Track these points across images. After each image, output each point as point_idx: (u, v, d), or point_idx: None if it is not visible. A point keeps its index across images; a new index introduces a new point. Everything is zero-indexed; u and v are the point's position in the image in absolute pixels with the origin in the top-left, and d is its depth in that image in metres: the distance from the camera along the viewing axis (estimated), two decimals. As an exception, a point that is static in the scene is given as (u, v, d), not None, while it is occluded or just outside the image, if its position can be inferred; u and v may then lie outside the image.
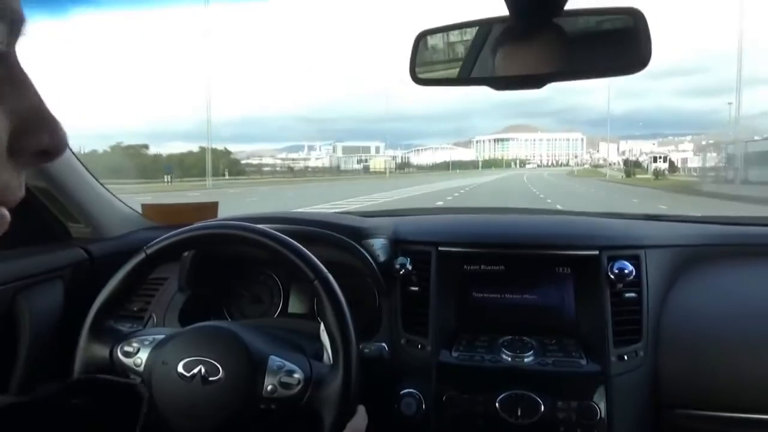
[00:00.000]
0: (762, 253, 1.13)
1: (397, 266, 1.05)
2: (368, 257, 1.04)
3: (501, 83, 0.80)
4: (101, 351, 0.78)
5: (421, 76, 0.82)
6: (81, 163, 1.13)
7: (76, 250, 1.13)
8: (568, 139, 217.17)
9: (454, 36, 0.82)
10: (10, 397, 0.29)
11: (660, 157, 50.37)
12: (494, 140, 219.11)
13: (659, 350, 0.98)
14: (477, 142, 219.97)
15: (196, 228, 0.85)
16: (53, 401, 0.31)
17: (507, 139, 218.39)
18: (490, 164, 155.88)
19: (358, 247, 1.05)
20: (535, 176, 52.93)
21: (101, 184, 1.21)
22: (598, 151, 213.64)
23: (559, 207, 10.53)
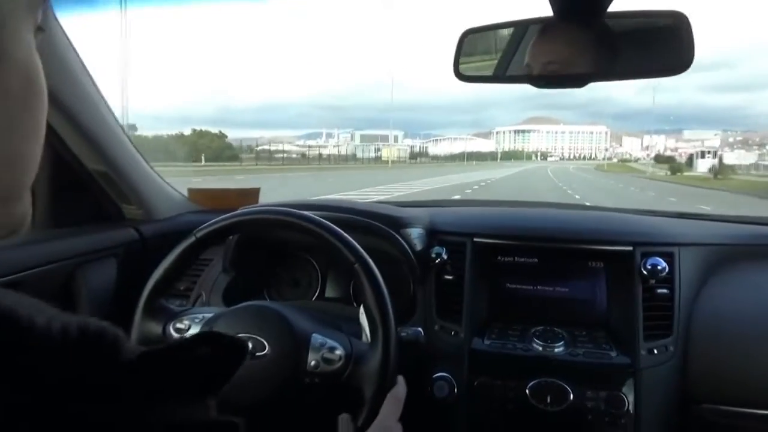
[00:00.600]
0: None
1: (433, 255, 1.08)
2: (405, 246, 1.08)
3: (542, 81, 0.82)
4: (155, 328, 0.83)
5: (464, 72, 0.84)
6: (135, 148, 1.18)
7: (129, 230, 1.18)
8: (591, 132, 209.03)
9: (497, 34, 0.85)
10: (143, 347, 0.33)
11: (708, 152, 43.15)
12: (515, 131, 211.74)
13: (689, 346, 0.99)
14: (497, 133, 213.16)
15: (243, 213, 0.89)
16: (184, 351, 0.35)
17: (528, 131, 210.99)
18: (510, 156, 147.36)
19: (396, 235, 1.08)
20: (560, 170, 48.07)
21: (152, 168, 1.25)
22: (621, 145, 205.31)
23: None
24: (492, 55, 0.86)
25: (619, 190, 20.73)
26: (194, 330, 0.82)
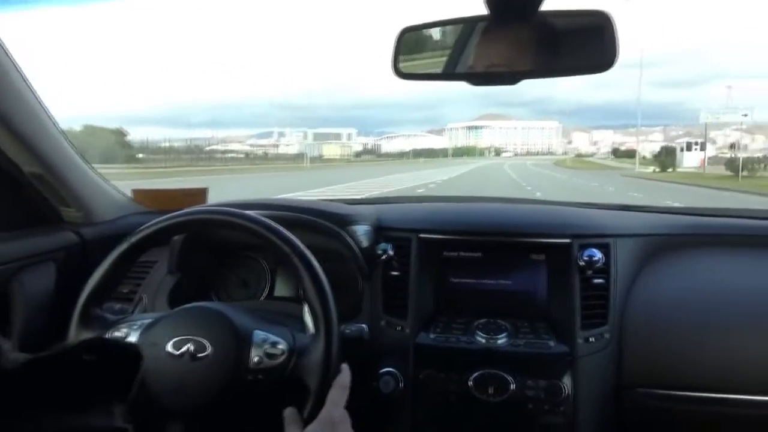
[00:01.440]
0: (722, 243, 1.19)
1: (379, 252, 1.09)
2: (352, 243, 1.08)
3: (478, 79, 0.85)
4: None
5: (403, 70, 0.86)
6: (74, 148, 1.15)
7: (68, 234, 1.14)
8: (543, 128, 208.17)
9: (434, 32, 0.87)
10: (27, 354, 0.31)
11: (696, 143, 34.87)
12: (468, 128, 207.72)
13: (623, 333, 1.03)
14: (450, 129, 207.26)
15: (177, 215, 0.87)
16: (68, 357, 0.34)
17: (481, 127, 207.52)
18: (463, 152, 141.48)
19: (342, 233, 1.08)
20: (519, 167, 41.49)
21: (93, 169, 1.22)
22: (570, 141, 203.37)
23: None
24: (430, 52, 0.88)
25: (620, 197, 14.49)
26: (132, 338, 0.80)
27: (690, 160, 32.66)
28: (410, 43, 0.86)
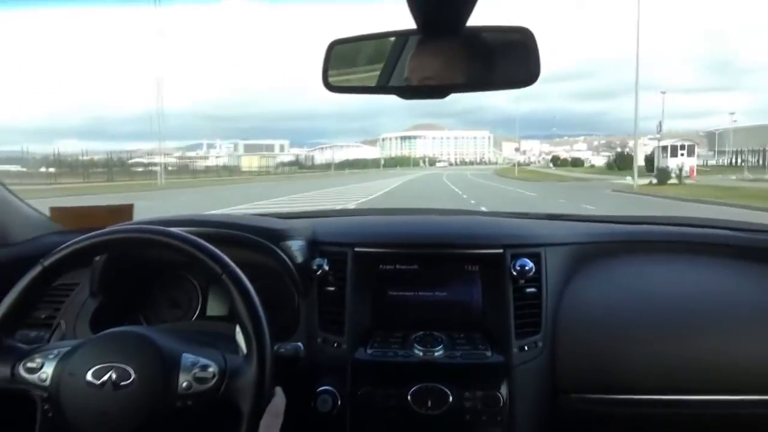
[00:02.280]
0: (644, 249, 1.23)
1: (315, 267, 1.07)
2: (286, 258, 1.05)
3: (408, 92, 0.86)
4: (2, 370, 0.75)
5: (333, 83, 0.85)
6: None
7: None
8: (475, 138, 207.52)
9: (364, 46, 0.87)
10: None
11: (683, 147, 27.49)
12: (401, 138, 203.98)
13: (556, 340, 1.05)
14: (383, 140, 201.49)
15: (95, 235, 0.82)
16: None
17: (414, 137, 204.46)
18: (397, 162, 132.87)
19: (276, 248, 1.05)
20: (459, 178, 35.87)
21: (5, 187, 1.16)
22: (501, 150, 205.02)
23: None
24: (360, 66, 0.88)
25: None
26: (48, 368, 0.73)
27: (673, 166, 24.65)
28: (340, 57, 0.85)
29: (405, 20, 0.78)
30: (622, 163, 40.42)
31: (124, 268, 1.09)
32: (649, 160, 31.79)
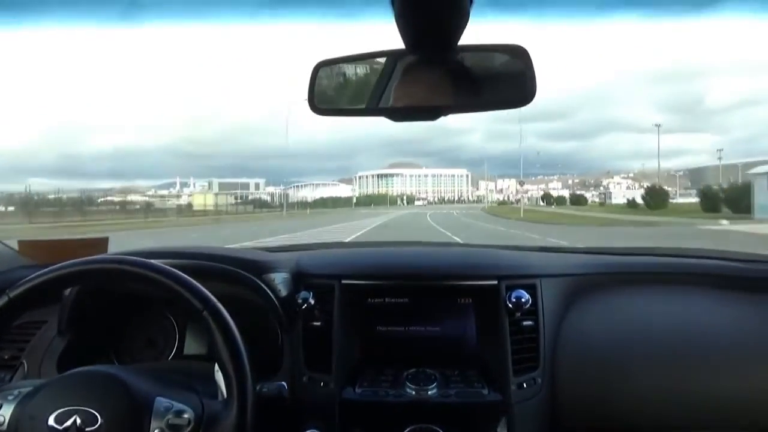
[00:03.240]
0: (640, 281, 1.22)
1: (300, 301, 1.03)
2: (269, 292, 1.02)
3: (398, 115, 0.83)
4: None
5: (320, 106, 0.82)
6: None
7: None
8: (453, 176, 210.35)
9: (351, 68, 0.85)
10: None
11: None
12: (378, 176, 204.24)
13: (556, 376, 1.02)
14: (359, 177, 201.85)
15: (64, 266, 0.77)
16: None
17: (392, 175, 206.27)
18: (372, 200, 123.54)
19: (258, 281, 1.02)
20: (449, 220, 28.96)
21: None
22: (478, 188, 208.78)
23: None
24: (347, 88, 0.85)
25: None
26: (6, 410, 0.69)
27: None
28: (326, 79, 0.83)
29: (393, 40, 0.75)
30: (655, 199, 33.36)
31: (95, 304, 1.03)
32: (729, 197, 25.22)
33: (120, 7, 1.00)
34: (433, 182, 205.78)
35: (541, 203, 78.15)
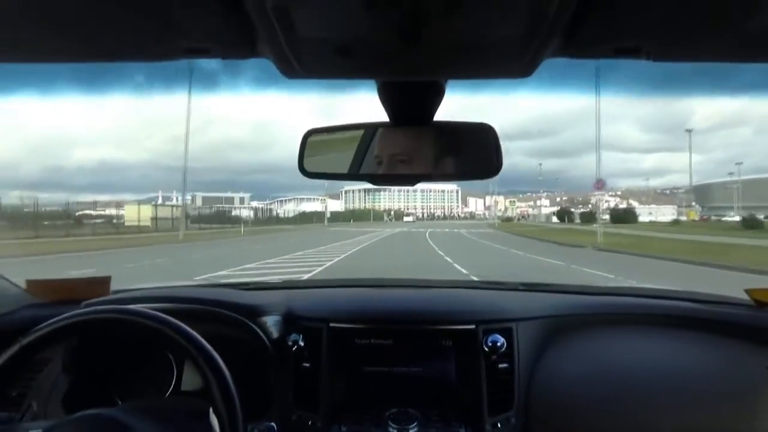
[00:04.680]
0: (616, 321, 1.29)
1: (290, 343, 1.10)
2: (261, 335, 1.09)
3: (379, 180, 0.93)
4: None
5: (308, 169, 0.91)
6: None
7: None
8: (443, 191, 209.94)
9: (338, 136, 0.94)
10: None
11: None
12: (365, 191, 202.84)
13: (530, 416, 1.09)
14: (345, 192, 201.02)
15: (74, 315, 0.85)
16: None
17: (379, 190, 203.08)
18: (355, 216, 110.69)
19: (252, 325, 1.09)
20: (458, 242, 22.76)
21: None
22: (467, 205, 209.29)
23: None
24: (334, 154, 0.94)
25: None
26: None
27: None
28: (315, 144, 0.92)
29: (377, 112, 0.83)
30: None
31: (97, 344, 1.10)
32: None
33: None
34: (422, 198, 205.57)
35: (554, 219, 71.45)
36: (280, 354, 1.11)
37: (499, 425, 1.07)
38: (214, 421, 0.80)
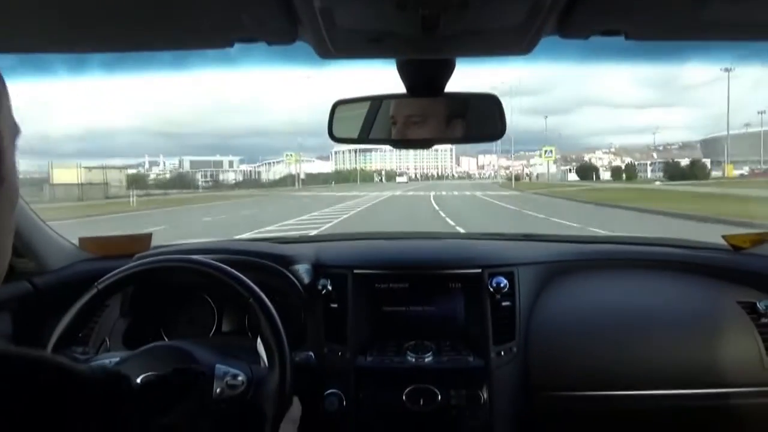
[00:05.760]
0: (605, 266, 1.47)
1: (320, 287, 1.27)
2: (295, 280, 1.26)
3: (399, 144, 1.09)
4: None
5: (337, 135, 1.06)
6: (23, 199, 1.21)
7: (22, 283, 1.21)
8: (436, 150, 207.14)
9: (362, 105, 1.08)
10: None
11: None
12: (355, 151, 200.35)
13: (528, 346, 1.27)
14: (335, 153, 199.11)
15: (145, 263, 0.99)
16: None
17: (369, 150, 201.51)
18: (341, 177, 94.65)
19: (286, 272, 1.25)
20: (472, 206, 19.17)
21: (41, 219, 1.29)
22: (459, 165, 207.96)
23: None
24: (359, 121, 1.08)
25: None
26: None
27: None
28: (342, 113, 1.07)
29: (395, 85, 0.99)
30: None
31: (148, 291, 1.27)
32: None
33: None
34: (415, 158, 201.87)
35: (569, 177, 57.25)
36: (311, 297, 1.27)
37: (502, 353, 1.25)
38: (261, 351, 0.96)
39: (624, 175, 49.72)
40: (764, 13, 0.74)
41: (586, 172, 57.08)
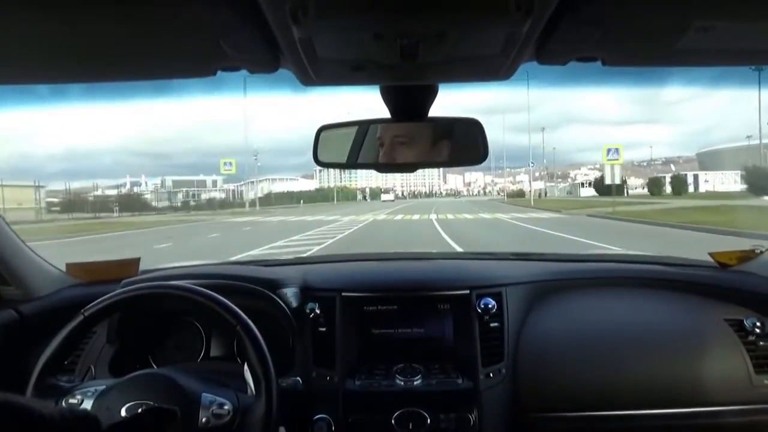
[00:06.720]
0: (593, 285, 1.49)
1: (308, 311, 1.28)
2: (282, 304, 1.26)
3: (383, 168, 1.10)
4: (48, 405, 0.93)
5: (321, 159, 1.08)
6: (8, 226, 1.21)
7: (7, 311, 1.21)
8: (423, 169, 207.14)
9: (347, 131, 1.09)
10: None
11: None
12: (339, 169, 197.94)
13: (517, 367, 1.28)
14: (319, 171, 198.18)
15: (130, 289, 1.00)
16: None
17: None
18: (322, 196, 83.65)
19: (273, 296, 1.26)
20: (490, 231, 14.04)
21: (26, 244, 1.28)
22: (446, 182, 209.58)
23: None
24: (343, 146, 1.10)
25: None
26: (87, 404, 0.90)
27: None
28: (326, 138, 1.08)
29: (379, 110, 1.00)
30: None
31: (136, 317, 1.26)
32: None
33: None
34: (402, 175, 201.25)
35: (582, 193, 51.34)
36: (299, 321, 1.28)
37: (491, 375, 1.25)
38: (248, 378, 0.96)
39: (669, 189, 39.91)
40: (736, 41, 0.77)
41: (599, 187, 42.86)
